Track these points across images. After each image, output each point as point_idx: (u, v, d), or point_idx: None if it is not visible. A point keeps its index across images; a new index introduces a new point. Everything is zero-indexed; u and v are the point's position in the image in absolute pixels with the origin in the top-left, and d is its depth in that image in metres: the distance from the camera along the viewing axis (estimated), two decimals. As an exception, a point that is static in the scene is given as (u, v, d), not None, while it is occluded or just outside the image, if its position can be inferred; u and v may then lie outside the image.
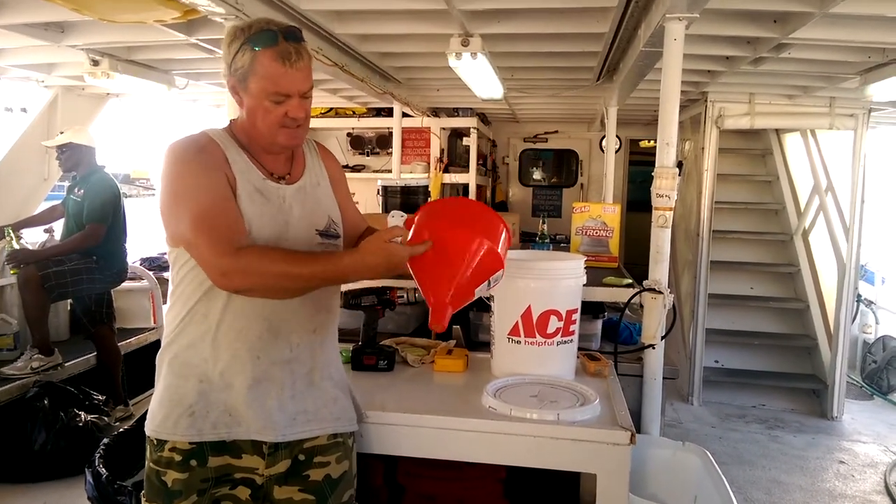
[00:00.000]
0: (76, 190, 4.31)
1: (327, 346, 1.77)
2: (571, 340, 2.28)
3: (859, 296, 6.18)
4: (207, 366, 1.61)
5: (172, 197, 1.56)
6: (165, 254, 6.88)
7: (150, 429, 1.64)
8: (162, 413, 1.62)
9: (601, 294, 2.94)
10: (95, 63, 3.95)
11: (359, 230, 1.89)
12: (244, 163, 1.63)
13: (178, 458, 1.60)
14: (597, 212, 3.74)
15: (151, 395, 1.69)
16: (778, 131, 6.06)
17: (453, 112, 6.72)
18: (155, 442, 1.62)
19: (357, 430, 1.82)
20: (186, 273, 1.61)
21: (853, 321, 5.79)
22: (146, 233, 8.15)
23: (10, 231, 4.19)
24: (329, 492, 1.71)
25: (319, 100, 6.42)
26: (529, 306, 2.18)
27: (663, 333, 2.67)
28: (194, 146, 1.60)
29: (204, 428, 1.59)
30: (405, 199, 4.49)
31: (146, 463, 1.66)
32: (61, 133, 4.40)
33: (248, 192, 1.59)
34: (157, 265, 6.27)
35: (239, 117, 1.68)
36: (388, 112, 6.27)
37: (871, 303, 6.67)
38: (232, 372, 1.61)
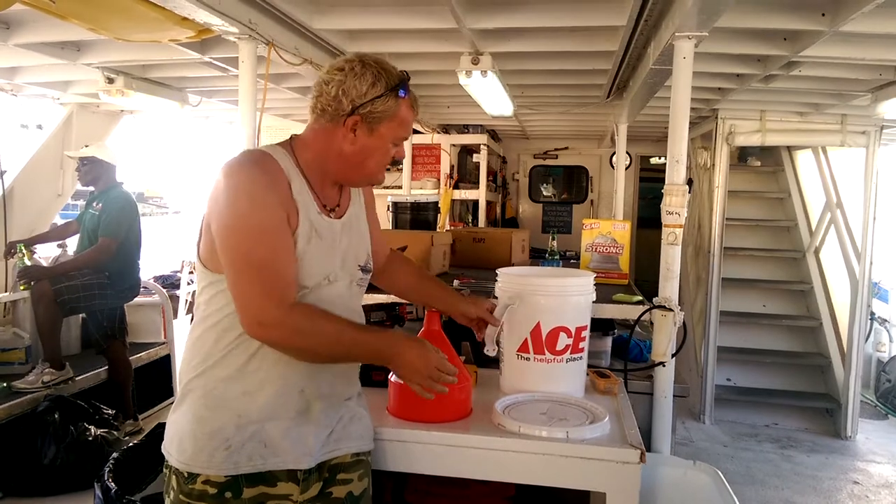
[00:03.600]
0: (94, 204, 4.36)
1: (356, 368, 1.79)
2: (581, 357, 2.27)
3: (873, 314, 6.12)
4: (247, 399, 1.55)
5: (230, 228, 1.48)
6: (178, 272, 6.90)
7: (179, 462, 1.55)
8: (194, 446, 1.54)
9: (611, 311, 2.93)
10: (110, 81, 4.01)
11: (382, 256, 1.93)
12: (306, 194, 1.58)
13: (212, 490, 1.53)
14: (607, 228, 3.73)
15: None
16: (789, 148, 6.04)
17: (463, 129, 6.75)
18: (185, 475, 1.54)
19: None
20: (226, 303, 1.52)
21: (867, 339, 5.73)
22: (159, 251, 8.23)
23: (23, 247, 4.23)
24: None
25: (331, 117, 6.46)
26: (539, 323, 2.17)
27: (674, 351, 2.65)
28: (262, 176, 1.51)
29: (240, 461, 1.53)
30: (415, 215, 4.51)
31: (173, 494, 1.57)
32: (86, 146, 4.46)
33: (305, 231, 1.56)
34: (169, 283, 6.33)
35: (315, 142, 1.63)
36: (399, 129, 6.29)
37: (885, 321, 6.59)
38: (274, 406, 1.56)
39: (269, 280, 1.46)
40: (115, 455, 3.17)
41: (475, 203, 6.94)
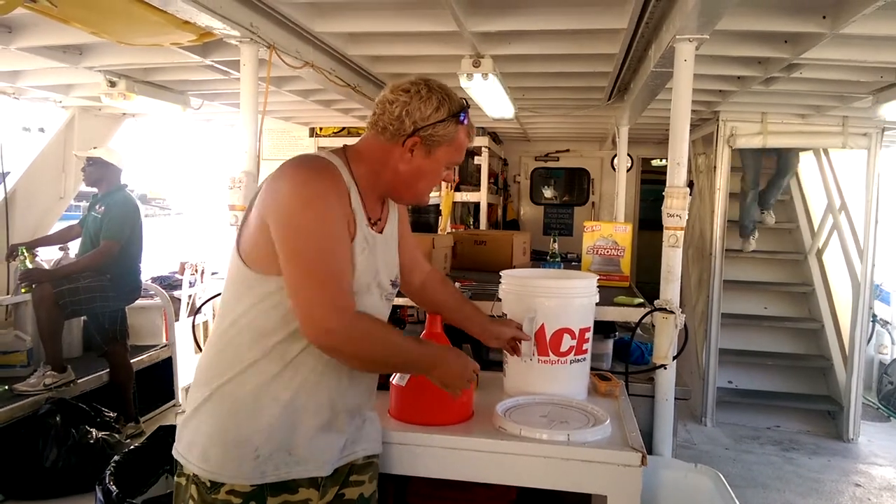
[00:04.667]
0: (97, 207, 4.37)
1: (376, 379, 1.82)
2: (584, 359, 2.28)
3: (875, 316, 6.11)
4: (278, 408, 1.53)
5: (298, 235, 1.46)
6: (176, 273, 6.88)
7: (203, 470, 1.51)
8: (220, 454, 1.51)
9: (612, 313, 2.93)
10: (112, 84, 4.02)
11: (420, 273, 2.02)
12: (359, 206, 1.61)
13: (236, 500, 1.51)
14: (608, 230, 3.73)
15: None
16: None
17: (465, 131, 6.74)
18: (208, 484, 1.51)
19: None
20: (270, 308, 1.52)
21: (869, 341, 5.73)
22: (158, 252, 8.25)
23: (24, 250, 4.23)
24: None
25: (333, 119, 6.48)
26: (543, 325, 2.18)
27: (675, 353, 2.65)
28: (331, 185, 1.53)
29: (267, 469, 1.52)
30: (416, 217, 4.50)
31: (187, 499, 1.55)
32: (94, 148, 4.48)
33: (359, 241, 1.58)
34: (167, 284, 6.33)
35: (370, 157, 1.65)
36: (400, 131, 6.30)
37: (887, 323, 6.59)
38: (304, 415, 1.56)
39: (336, 288, 1.47)
40: (116, 458, 3.17)
41: (476, 205, 6.93)
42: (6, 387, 3.87)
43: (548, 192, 8.51)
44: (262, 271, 1.51)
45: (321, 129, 7.03)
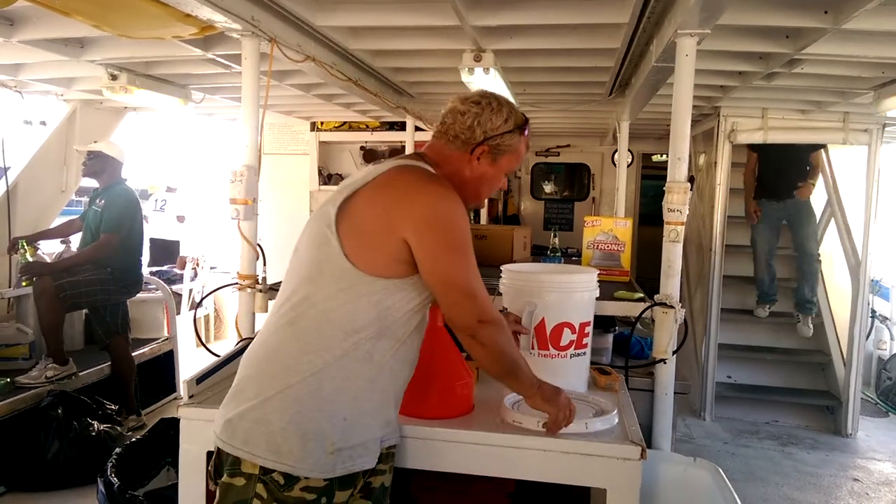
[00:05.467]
0: (98, 201, 4.38)
1: None
2: (584, 353, 2.29)
3: (874, 311, 6.12)
4: (357, 404, 1.57)
5: (453, 244, 1.58)
6: (174, 266, 6.91)
7: (281, 464, 1.50)
8: (299, 447, 1.50)
9: (612, 308, 2.94)
10: (114, 77, 4.02)
11: None
12: None
13: (309, 497, 1.51)
14: (608, 226, 3.74)
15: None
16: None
17: (465, 126, 6.74)
18: (281, 481, 1.50)
19: None
20: (367, 305, 1.56)
21: (867, 337, 5.74)
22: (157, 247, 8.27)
23: (25, 244, 4.24)
24: (382, 499, 1.75)
25: (334, 114, 6.48)
26: (543, 319, 2.19)
27: (675, 348, 2.66)
28: (460, 201, 1.64)
29: (338, 464, 1.54)
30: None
31: (251, 500, 1.51)
32: (94, 142, 4.48)
33: None
34: (165, 279, 6.35)
35: (443, 164, 1.73)
36: (401, 126, 6.31)
37: (886, 318, 6.59)
38: (376, 412, 1.62)
39: (483, 288, 1.63)
40: (117, 450, 3.20)
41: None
42: (8, 379, 3.88)
43: (548, 188, 8.52)
44: (374, 273, 1.56)
45: (322, 123, 7.03)
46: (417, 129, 6.01)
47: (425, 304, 1.67)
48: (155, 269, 7.44)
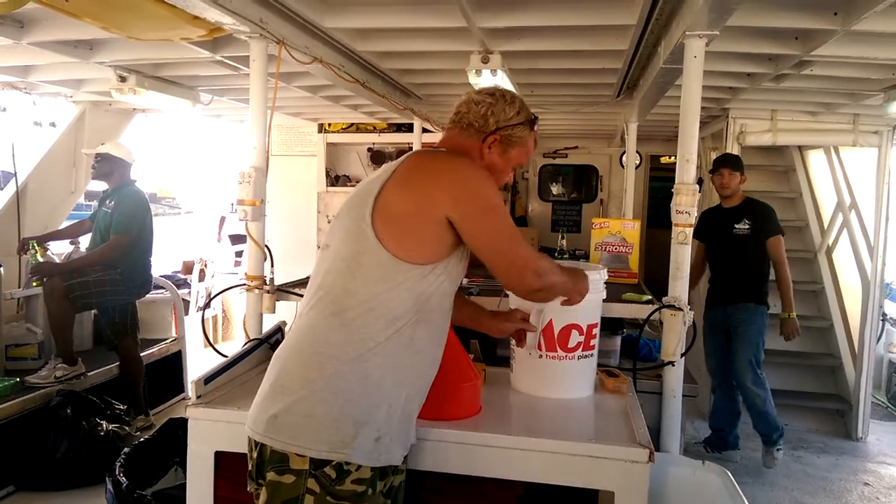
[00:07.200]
0: (108, 202, 4.40)
1: None
2: (592, 355, 2.28)
3: (884, 314, 6.07)
4: (400, 390, 1.60)
5: (490, 212, 1.63)
6: (178, 272, 6.92)
7: (336, 453, 1.49)
8: (352, 435, 1.50)
9: (620, 310, 2.93)
10: (123, 79, 4.04)
11: None
12: None
13: (360, 488, 1.51)
14: (616, 227, 3.73)
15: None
16: (801, 148, 6.00)
17: (473, 127, 6.74)
18: (332, 475, 1.49)
19: None
20: (405, 292, 1.58)
21: (878, 340, 5.69)
22: (167, 252, 8.31)
23: (35, 244, 4.26)
24: (399, 499, 1.76)
25: (341, 115, 6.49)
26: (551, 320, 2.18)
27: (683, 350, 2.65)
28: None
29: (381, 452, 1.56)
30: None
31: (313, 500, 1.50)
32: (102, 144, 4.51)
33: None
34: (173, 282, 6.38)
35: (456, 152, 1.77)
36: (409, 127, 6.32)
37: (897, 321, 6.55)
38: (415, 400, 1.66)
39: (527, 247, 1.69)
40: (126, 450, 3.21)
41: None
42: (18, 379, 3.90)
43: (556, 189, 8.50)
44: (413, 260, 1.58)
45: (330, 125, 7.05)
46: (425, 130, 6.02)
47: (454, 288, 1.71)
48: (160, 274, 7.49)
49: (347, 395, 1.53)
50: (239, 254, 8.34)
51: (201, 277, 7.63)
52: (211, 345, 3.64)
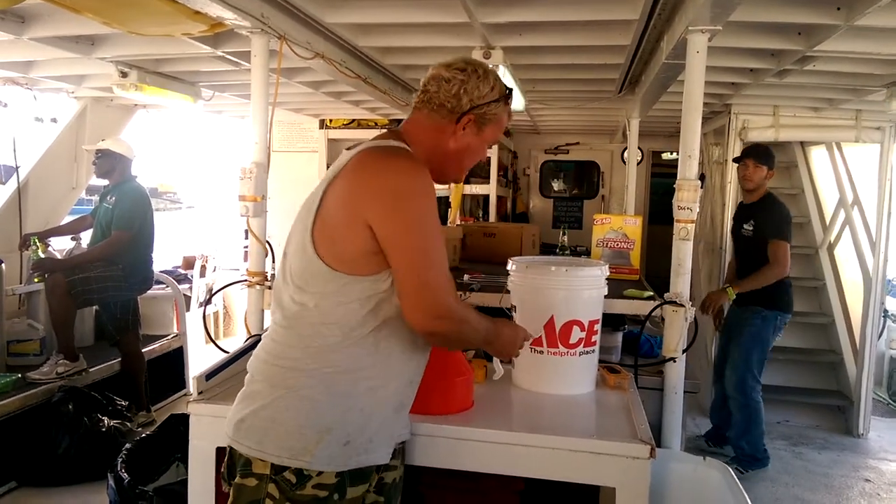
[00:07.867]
0: (109, 198, 4.40)
1: None
2: (593, 351, 2.28)
3: (886, 311, 6.05)
4: (373, 393, 1.55)
5: (411, 228, 1.47)
6: (178, 267, 6.92)
7: (297, 460, 1.47)
8: (314, 441, 1.48)
9: (622, 306, 2.93)
10: (124, 75, 4.04)
11: None
12: None
13: (322, 493, 1.48)
14: (618, 224, 3.72)
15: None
16: (803, 144, 5.99)
17: (475, 123, 6.74)
18: (293, 480, 1.48)
19: None
20: (358, 306, 1.50)
21: (879, 336, 5.68)
22: (167, 247, 8.32)
23: (36, 240, 4.27)
24: (394, 496, 1.74)
25: (343, 111, 6.48)
26: (553, 316, 2.18)
27: (685, 347, 2.65)
28: (427, 176, 1.55)
29: (351, 456, 1.52)
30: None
31: (263, 500, 1.49)
32: (103, 140, 4.51)
33: None
34: (173, 277, 6.39)
35: (425, 138, 1.65)
36: (410, 123, 6.31)
37: (899, 318, 6.53)
38: (388, 399, 1.58)
39: (446, 275, 1.50)
40: (128, 446, 3.21)
41: (486, 198, 6.93)
42: (19, 375, 3.90)
43: (557, 185, 8.50)
44: (355, 272, 1.49)
45: (331, 120, 7.04)
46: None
47: None
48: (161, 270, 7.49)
49: (313, 402, 1.51)
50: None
51: (202, 273, 7.63)
52: (212, 341, 3.65)
